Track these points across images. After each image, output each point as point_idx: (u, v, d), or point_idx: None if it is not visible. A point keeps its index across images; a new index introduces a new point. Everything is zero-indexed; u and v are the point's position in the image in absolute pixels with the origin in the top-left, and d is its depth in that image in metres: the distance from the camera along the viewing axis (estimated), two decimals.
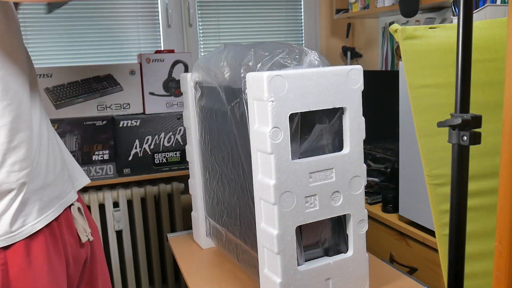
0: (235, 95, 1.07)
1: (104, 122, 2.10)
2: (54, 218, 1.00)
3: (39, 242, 0.96)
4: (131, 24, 2.47)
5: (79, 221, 1.09)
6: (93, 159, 2.11)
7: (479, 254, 1.05)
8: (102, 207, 2.17)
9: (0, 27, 0.91)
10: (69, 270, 1.05)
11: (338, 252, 1.09)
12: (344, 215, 1.08)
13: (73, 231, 1.07)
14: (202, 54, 2.60)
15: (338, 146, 1.05)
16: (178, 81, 2.21)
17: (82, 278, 1.12)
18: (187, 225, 2.26)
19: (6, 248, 0.92)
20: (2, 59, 0.91)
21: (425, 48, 1.00)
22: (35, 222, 0.96)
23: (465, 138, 0.76)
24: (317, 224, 1.06)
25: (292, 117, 0.98)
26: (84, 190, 2.18)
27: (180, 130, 2.21)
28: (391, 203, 1.82)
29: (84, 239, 1.09)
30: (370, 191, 1.98)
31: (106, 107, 2.14)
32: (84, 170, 1.41)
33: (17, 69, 0.94)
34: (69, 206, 1.08)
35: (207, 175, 1.34)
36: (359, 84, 1.03)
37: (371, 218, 1.87)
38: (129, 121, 2.13)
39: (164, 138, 2.20)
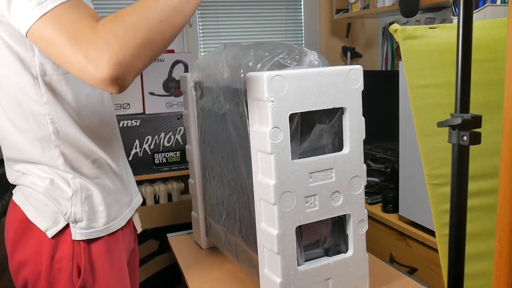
0: (235, 95, 1.07)
1: None
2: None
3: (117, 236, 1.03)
4: None
5: (136, 213, 1.13)
6: None
7: (479, 254, 1.05)
8: None
9: None
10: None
11: (338, 252, 1.09)
12: (344, 215, 1.08)
13: (130, 223, 1.10)
14: (202, 54, 2.60)
15: (338, 146, 1.05)
16: (178, 81, 2.21)
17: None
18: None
19: (92, 240, 0.97)
20: None
21: (425, 48, 1.00)
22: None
23: (465, 138, 0.76)
24: (317, 224, 1.06)
25: (292, 117, 0.98)
26: None
27: (180, 130, 2.21)
28: (391, 203, 1.82)
29: (139, 230, 1.13)
30: (370, 191, 1.98)
31: None
32: None
33: None
34: None
35: (207, 175, 1.34)
36: (359, 84, 1.03)
37: (371, 218, 1.87)
38: (129, 121, 2.13)
39: (164, 138, 2.19)
